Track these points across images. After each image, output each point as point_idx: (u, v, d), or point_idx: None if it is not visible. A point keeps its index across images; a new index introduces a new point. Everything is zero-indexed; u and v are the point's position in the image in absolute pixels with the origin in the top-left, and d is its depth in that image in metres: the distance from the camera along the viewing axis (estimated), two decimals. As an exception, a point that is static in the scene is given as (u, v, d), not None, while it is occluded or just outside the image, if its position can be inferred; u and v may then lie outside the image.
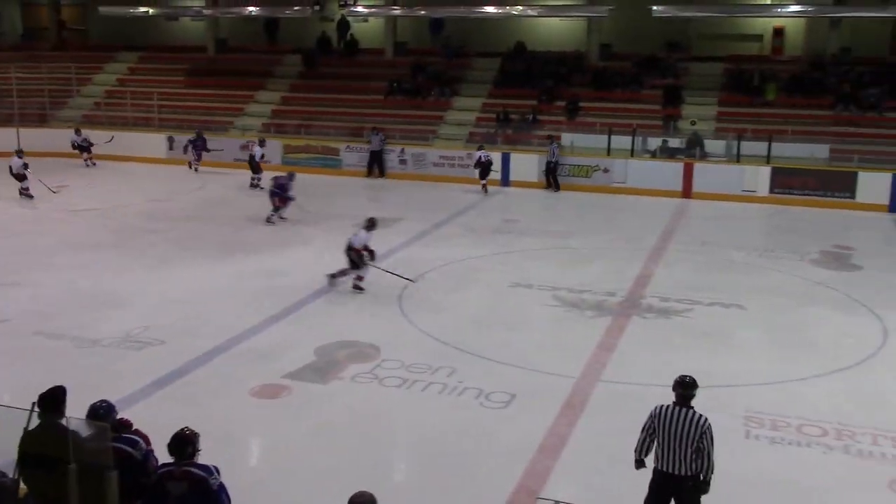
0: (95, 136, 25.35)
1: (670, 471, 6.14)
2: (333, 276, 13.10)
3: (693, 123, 23.26)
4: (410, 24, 30.28)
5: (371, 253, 13.03)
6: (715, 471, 6.16)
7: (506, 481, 7.43)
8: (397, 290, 13.03)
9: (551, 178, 22.49)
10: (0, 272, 13.73)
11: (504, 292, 13.30)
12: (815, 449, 8.19)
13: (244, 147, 24.25)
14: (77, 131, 25.50)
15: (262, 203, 18.16)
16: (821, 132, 22.42)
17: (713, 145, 22.50)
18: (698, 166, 21.79)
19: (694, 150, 22.26)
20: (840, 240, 17.32)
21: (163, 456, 5.47)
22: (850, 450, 8.16)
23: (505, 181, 23.05)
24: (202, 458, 5.41)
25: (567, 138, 23.29)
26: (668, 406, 6.18)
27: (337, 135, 25.11)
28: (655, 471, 6.26)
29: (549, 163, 22.41)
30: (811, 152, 21.60)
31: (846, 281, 14.22)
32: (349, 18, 29.31)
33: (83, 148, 25.10)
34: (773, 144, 21.51)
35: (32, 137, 26.08)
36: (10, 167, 19.57)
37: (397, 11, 27.57)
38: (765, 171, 21.38)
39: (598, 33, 27.26)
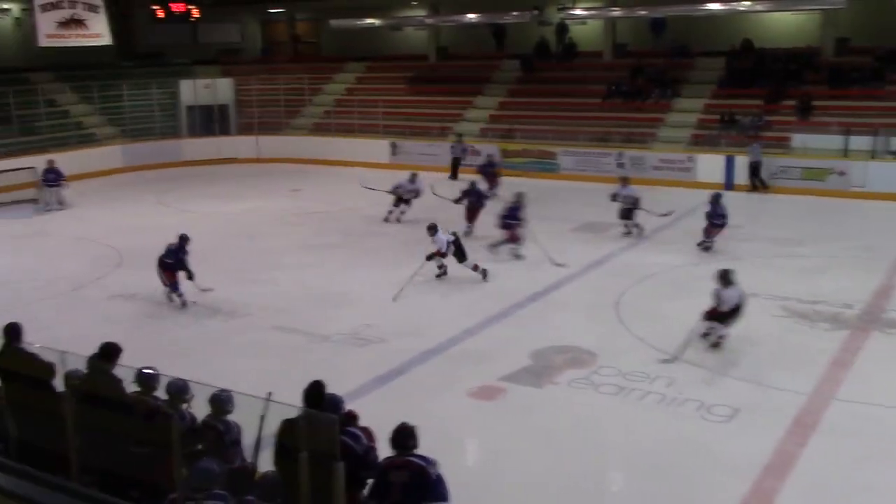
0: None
1: None
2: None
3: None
4: (630, 25, 29.67)
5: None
6: None
7: (728, 499, 7.09)
8: (614, 297, 12.81)
9: (756, 179, 21.88)
10: (242, 271, 14.86)
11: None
12: None
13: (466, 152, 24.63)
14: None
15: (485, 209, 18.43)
16: None
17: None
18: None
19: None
20: None
21: (385, 450, 5.68)
22: None
23: (728, 185, 22.05)
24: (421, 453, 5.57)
25: (799, 139, 21.95)
26: None
27: (554, 139, 25.07)
28: None
29: (751, 164, 21.76)
30: None
31: None
32: (567, 22, 29.19)
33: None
34: None
35: (269, 144, 28.30)
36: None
37: (617, 13, 27.08)
38: None
39: (835, 27, 25.46)
